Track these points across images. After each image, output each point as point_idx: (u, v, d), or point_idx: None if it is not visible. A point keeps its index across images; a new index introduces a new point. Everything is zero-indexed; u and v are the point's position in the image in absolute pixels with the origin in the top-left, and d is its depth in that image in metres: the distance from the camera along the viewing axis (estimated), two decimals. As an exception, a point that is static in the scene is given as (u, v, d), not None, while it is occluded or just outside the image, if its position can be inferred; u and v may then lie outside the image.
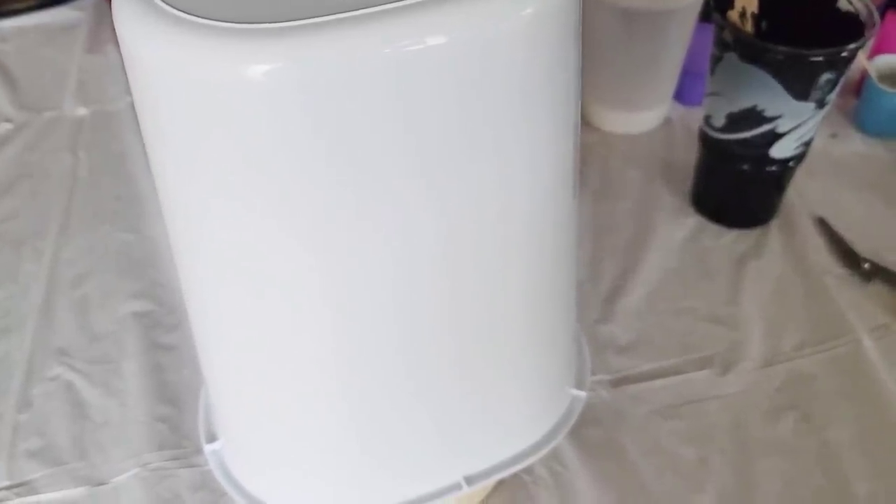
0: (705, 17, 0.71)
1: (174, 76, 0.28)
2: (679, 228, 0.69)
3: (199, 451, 0.53)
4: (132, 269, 0.66)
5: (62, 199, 0.72)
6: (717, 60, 0.60)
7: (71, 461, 0.54)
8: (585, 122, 0.79)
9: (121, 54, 0.30)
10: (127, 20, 0.29)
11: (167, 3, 0.28)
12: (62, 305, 0.64)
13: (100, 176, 0.74)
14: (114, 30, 0.30)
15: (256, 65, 0.27)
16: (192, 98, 0.29)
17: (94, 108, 0.81)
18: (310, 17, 0.27)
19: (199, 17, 0.27)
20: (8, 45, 0.89)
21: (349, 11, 0.27)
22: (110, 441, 0.55)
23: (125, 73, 0.31)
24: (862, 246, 0.66)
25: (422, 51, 0.28)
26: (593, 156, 0.75)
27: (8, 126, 0.79)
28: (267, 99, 0.28)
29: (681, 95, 0.78)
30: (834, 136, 0.76)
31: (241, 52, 0.27)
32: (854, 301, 0.62)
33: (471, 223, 0.35)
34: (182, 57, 0.27)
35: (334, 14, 0.27)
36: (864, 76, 0.76)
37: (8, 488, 0.53)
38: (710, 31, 0.61)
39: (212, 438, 0.50)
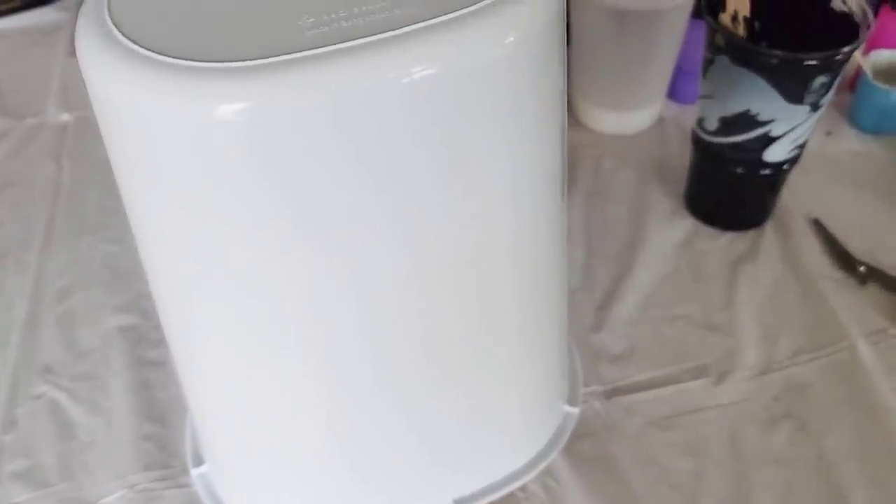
0: (698, 14, 0.69)
1: (137, 114, 0.27)
2: (673, 231, 0.68)
3: (186, 471, 0.52)
4: (117, 282, 0.65)
5: (46, 209, 0.71)
6: (709, 63, 0.59)
7: (57, 483, 0.53)
8: (577, 123, 0.78)
9: None
10: (90, 55, 0.28)
11: (131, 39, 0.27)
12: (47, 320, 0.62)
13: (84, 185, 0.73)
14: None
15: (226, 104, 0.26)
16: (155, 135, 0.28)
17: (77, 113, 0.80)
18: (280, 55, 0.26)
19: (165, 54, 0.26)
20: (-12, 48, 0.87)
21: (318, 48, 0.26)
22: (97, 461, 0.54)
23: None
24: (857, 247, 0.65)
25: (398, 84, 0.27)
26: (585, 157, 0.74)
27: (-10, 133, 0.78)
28: (237, 138, 0.27)
29: (674, 93, 0.77)
30: (828, 133, 0.75)
31: (210, 92, 0.26)
32: (850, 305, 0.62)
33: (454, 245, 0.34)
34: (146, 96, 0.26)
35: (304, 51, 0.26)
36: (859, 72, 0.75)
37: (-7, 512, 0.52)
38: (703, 28, 0.60)
39: (199, 461, 0.49)
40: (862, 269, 0.63)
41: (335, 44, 0.26)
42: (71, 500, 0.52)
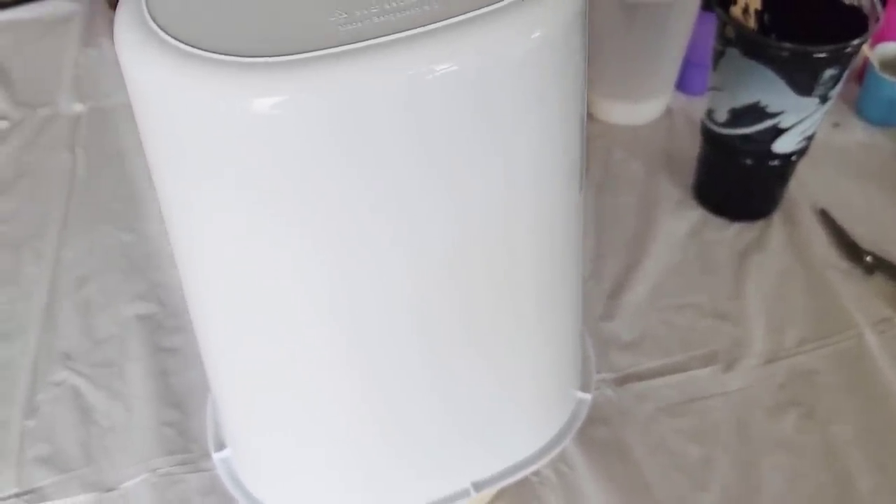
0: (707, 6, 0.70)
1: (175, 107, 0.28)
2: (682, 222, 0.68)
3: (206, 455, 0.53)
4: (133, 270, 0.66)
5: (61, 199, 0.72)
6: (719, 55, 0.59)
7: (79, 467, 0.54)
8: (587, 114, 0.78)
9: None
10: (129, 49, 0.29)
11: (170, 35, 0.28)
12: (65, 308, 0.63)
13: (98, 174, 0.74)
14: (110, 21, 0.30)
15: (262, 98, 0.27)
16: (193, 128, 0.29)
17: (90, 104, 0.80)
18: (314, 50, 0.27)
19: (203, 49, 0.27)
20: (1, 38, 0.88)
21: (352, 43, 0.27)
22: (117, 446, 0.55)
23: (121, 68, 0.30)
24: (864, 237, 0.66)
25: (432, 79, 0.28)
26: (595, 148, 0.75)
27: (4, 123, 0.78)
28: (273, 132, 0.28)
29: (683, 85, 0.78)
30: (836, 125, 0.76)
31: (247, 87, 0.27)
32: (856, 294, 0.63)
33: (480, 232, 0.35)
34: (188, 91, 0.27)
35: (338, 46, 0.27)
36: (866, 64, 0.75)
37: (18, 496, 0.53)
38: (712, 20, 0.60)
39: (220, 445, 0.50)
40: (868, 259, 0.64)
41: (368, 39, 0.27)
42: (93, 483, 0.53)
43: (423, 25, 0.28)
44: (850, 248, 0.65)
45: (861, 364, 0.59)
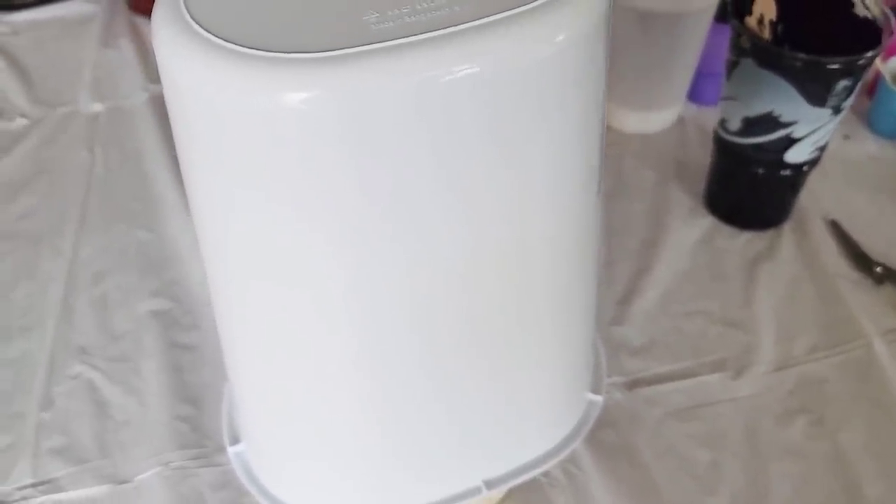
0: (720, 18, 0.71)
1: (212, 102, 0.29)
2: (693, 229, 0.69)
3: (220, 450, 0.54)
4: (150, 268, 0.67)
5: (79, 196, 0.72)
6: (733, 65, 0.60)
7: (94, 459, 0.55)
8: (599, 122, 0.79)
9: (134, 48, 0.31)
10: (166, 44, 0.29)
11: (206, 30, 0.29)
12: (81, 304, 0.64)
13: (116, 173, 0.75)
14: (129, 22, 0.30)
15: (294, 93, 0.28)
16: (229, 123, 0.29)
17: (108, 103, 0.81)
18: (347, 47, 0.28)
19: (238, 44, 0.28)
20: (21, 38, 0.89)
21: (384, 41, 0.28)
22: (132, 440, 0.56)
23: (140, 68, 0.31)
24: (874, 248, 0.66)
25: (457, 80, 0.28)
26: (608, 156, 0.74)
27: (23, 121, 0.79)
28: (304, 126, 0.28)
29: (694, 95, 0.79)
30: (847, 137, 0.76)
31: (280, 81, 0.27)
32: (866, 304, 0.63)
33: (497, 234, 0.35)
34: (222, 84, 0.28)
35: (370, 44, 0.28)
36: (878, 78, 0.76)
37: (33, 486, 0.53)
38: (724, 32, 0.61)
39: (235, 440, 0.51)
40: (878, 269, 0.64)
41: (400, 38, 0.28)
42: (108, 476, 0.54)
43: (452, 26, 0.28)
44: (860, 259, 0.66)
45: (870, 373, 0.59)
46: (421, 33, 0.28)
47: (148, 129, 0.78)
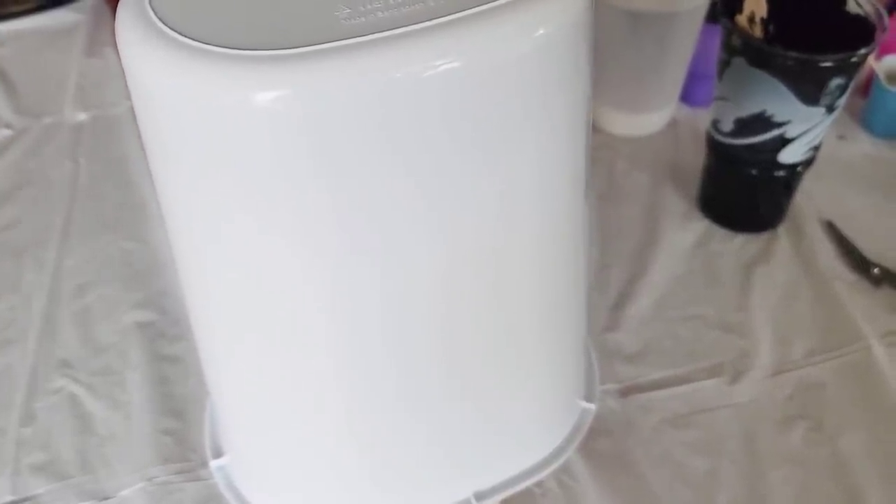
0: (712, 18, 0.70)
1: (179, 102, 0.28)
2: (687, 233, 0.68)
3: (204, 464, 0.52)
4: (135, 279, 0.66)
5: (63, 206, 0.71)
6: (725, 65, 0.59)
7: (76, 475, 0.54)
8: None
9: (120, 59, 0.30)
10: (131, 44, 0.28)
11: (172, 28, 0.27)
12: (65, 316, 0.63)
13: (101, 183, 0.74)
14: (113, 32, 0.29)
15: (259, 92, 0.27)
16: (196, 123, 0.28)
17: (93, 112, 0.80)
18: (316, 44, 0.26)
19: (205, 42, 0.27)
20: (6, 49, 0.88)
21: (355, 38, 0.27)
22: (115, 455, 0.55)
23: (124, 78, 0.30)
24: (870, 249, 0.65)
25: (429, 77, 0.27)
26: (599, 159, 0.74)
27: (7, 132, 0.78)
28: (271, 126, 0.27)
29: (687, 97, 0.78)
30: (841, 137, 0.75)
31: (246, 80, 0.26)
32: (864, 307, 0.62)
33: (477, 239, 0.34)
34: (188, 84, 0.27)
35: (340, 40, 0.27)
36: (872, 76, 0.75)
37: (13, 503, 0.52)
38: (716, 32, 0.60)
39: (218, 453, 0.49)
40: (876, 271, 0.63)
41: (371, 34, 0.27)
42: (90, 492, 0.53)
43: (427, 20, 0.27)
44: (857, 260, 0.65)
45: (869, 376, 0.58)
46: (393, 28, 0.27)
47: (133, 138, 0.77)
